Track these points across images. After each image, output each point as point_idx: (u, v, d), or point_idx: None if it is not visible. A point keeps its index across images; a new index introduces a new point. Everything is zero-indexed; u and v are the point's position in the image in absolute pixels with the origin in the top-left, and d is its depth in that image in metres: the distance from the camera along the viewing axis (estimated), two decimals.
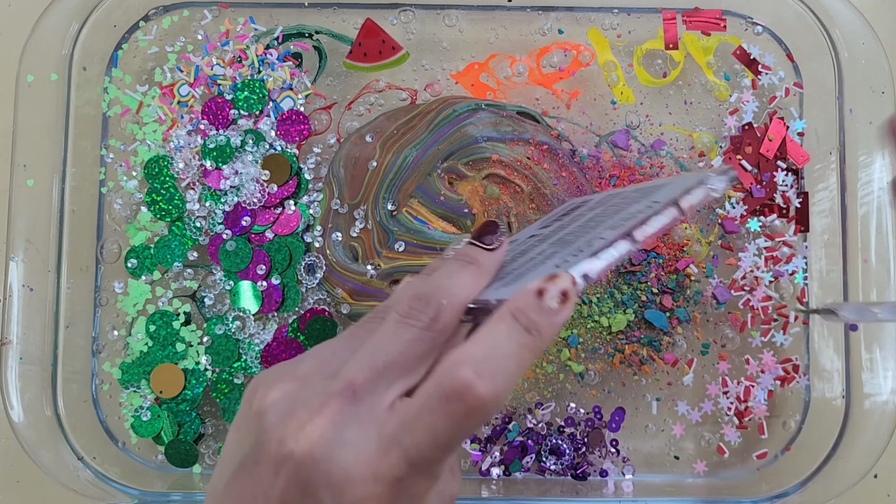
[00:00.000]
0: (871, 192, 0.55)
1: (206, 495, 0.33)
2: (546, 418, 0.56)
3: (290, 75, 0.58)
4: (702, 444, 0.57)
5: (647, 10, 0.58)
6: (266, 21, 0.59)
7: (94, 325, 0.57)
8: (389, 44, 0.58)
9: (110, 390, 0.57)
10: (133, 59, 0.58)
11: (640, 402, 0.57)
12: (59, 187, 0.55)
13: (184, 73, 0.58)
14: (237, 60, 0.58)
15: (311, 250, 0.57)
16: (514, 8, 0.58)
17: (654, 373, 0.57)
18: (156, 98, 0.58)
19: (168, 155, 0.57)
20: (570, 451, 0.55)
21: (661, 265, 0.56)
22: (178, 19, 0.58)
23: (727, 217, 0.57)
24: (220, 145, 0.57)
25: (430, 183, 0.57)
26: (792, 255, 0.57)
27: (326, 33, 0.58)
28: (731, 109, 0.58)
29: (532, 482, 0.55)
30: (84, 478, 0.53)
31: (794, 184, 0.57)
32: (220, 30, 0.58)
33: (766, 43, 0.58)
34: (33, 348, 0.53)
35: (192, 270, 0.57)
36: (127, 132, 0.58)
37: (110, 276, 0.57)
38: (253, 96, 0.57)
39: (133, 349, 0.56)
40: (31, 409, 0.53)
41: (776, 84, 0.58)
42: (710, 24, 0.58)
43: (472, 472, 0.56)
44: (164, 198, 0.57)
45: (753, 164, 0.57)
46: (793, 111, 0.58)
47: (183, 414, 0.56)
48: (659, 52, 0.59)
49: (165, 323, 0.56)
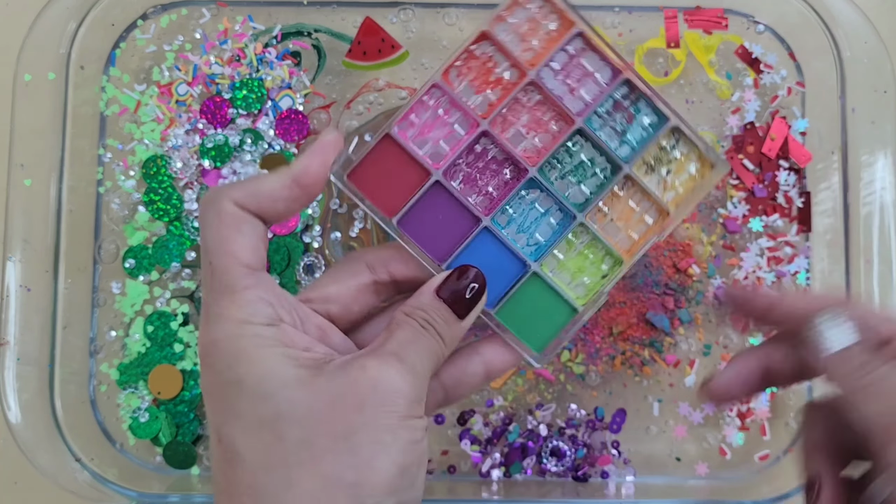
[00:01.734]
0: (874, 191, 0.55)
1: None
2: (547, 420, 0.56)
3: (289, 74, 0.57)
4: (703, 445, 0.57)
5: (649, 9, 0.58)
6: (265, 19, 0.58)
7: (91, 326, 0.56)
8: (389, 42, 0.57)
9: (108, 391, 0.56)
10: (131, 58, 0.58)
11: (641, 403, 0.57)
12: (57, 187, 0.55)
13: (182, 71, 0.58)
14: (236, 59, 0.57)
15: (309, 250, 0.56)
16: None
17: (656, 374, 0.56)
18: (154, 97, 0.57)
19: (166, 154, 0.57)
20: (572, 452, 0.55)
21: (661, 266, 0.56)
22: (177, 18, 0.58)
23: (729, 217, 0.57)
24: (219, 144, 0.56)
25: None
26: (794, 255, 0.56)
27: (325, 32, 0.58)
28: (733, 108, 0.58)
29: (533, 484, 0.55)
30: (82, 479, 0.53)
31: (796, 183, 0.57)
32: (219, 28, 0.58)
33: (768, 42, 0.58)
34: (31, 349, 0.53)
35: (190, 270, 0.57)
36: (125, 131, 0.57)
37: (108, 277, 0.57)
38: (251, 95, 0.57)
39: (131, 350, 0.56)
40: (29, 410, 0.53)
41: (778, 83, 0.58)
42: (712, 22, 0.57)
43: (472, 474, 0.56)
44: (162, 197, 0.56)
45: (755, 164, 0.57)
46: (795, 110, 0.58)
47: (181, 415, 0.56)
48: (660, 50, 0.58)
49: (163, 323, 0.56)
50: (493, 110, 0.38)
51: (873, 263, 0.54)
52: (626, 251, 0.39)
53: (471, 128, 0.38)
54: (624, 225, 0.39)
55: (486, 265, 0.37)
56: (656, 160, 0.39)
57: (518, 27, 0.38)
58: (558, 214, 0.39)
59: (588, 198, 0.39)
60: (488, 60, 0.38)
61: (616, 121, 0.39)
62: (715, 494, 0.54)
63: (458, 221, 0.38)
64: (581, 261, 0.39)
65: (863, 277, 0.54)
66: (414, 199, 0.38)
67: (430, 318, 0.35)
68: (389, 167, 0.38)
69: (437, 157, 0.38)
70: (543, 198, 0.39)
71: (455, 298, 0.36)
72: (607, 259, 0.39)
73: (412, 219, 0.38)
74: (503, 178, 0.38)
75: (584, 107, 0.38)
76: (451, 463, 0.56)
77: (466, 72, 0.38)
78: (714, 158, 0.39)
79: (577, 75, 0.38)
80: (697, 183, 0.39)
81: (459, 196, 0.38)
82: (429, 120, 0.38)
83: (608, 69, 0.38)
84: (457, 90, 0.38)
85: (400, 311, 0.36)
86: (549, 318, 0.39)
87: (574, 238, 0.39)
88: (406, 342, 0.34)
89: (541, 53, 0.38)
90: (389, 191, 0.38)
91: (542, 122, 0.38)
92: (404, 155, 0.38)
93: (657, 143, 0.38)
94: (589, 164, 0.39)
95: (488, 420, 0.56)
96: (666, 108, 0.38)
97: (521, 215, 0.39)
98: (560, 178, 0.39)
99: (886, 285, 0.54)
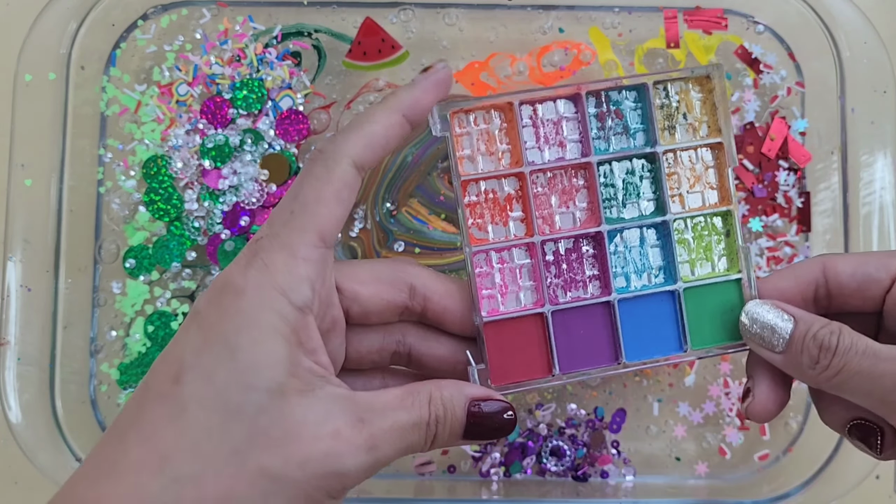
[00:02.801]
0: (874, 191, 0.55)
1: None
2: (547, 419, 0.56)
3: (290, 74, 0.57)
4: (703, 445, 0.57)
5: (648, 9, 0.58)
6: (265, 20, 0.58)
7: (92, 326, 0.56)
8: (389, 42, 0.58)
9: (109, 391, 0.56)
10: (131, 58, 0.58)
11: (641, 403, 0.57)
12: (57, 187, 0.55)
13: (182, 72, 0.58)
14: (236, 59, 0.57)
15: None
16: (514, 6, 0.58)
17: (656, 374, 0.57)
18: (154, 97, 0.57)
19: (166, 154, 0.57)
20: (572, 452, 0.55)
21: None
22: (177, 18, 0.58)
23: None
24: (219, 145, 0.56)
25: (429, 182, 0.56)
26: (794, 256, 0.56)
27: (326, 32, 0.58)
28: (733, 109, 0.58)
29: (532, 483, 0.55)
30: None
31: (795, 183, 0.57)
32: (219, 29, 0.58)
33: (767, 42, 0.58)
34: (31, 349, 0.53)
35: (190, 270, 0.57)
36: (125, 131, 0.57)
37: (108, 277, 0.57)
38: (252, 95, 0.57)
39: (131, 350, 0.56)
40: (29, 410, 0.53)
41: (778, 83, 0.58)
42: (712, 22, 0.58)
43: (472, 474, 0.56)
44: (163, 197, 0.56)
45: (755, 164, 0.57)
46: (794, 110, 0.58)
47: None
48: (660, 50, 0.58)
49: (164, 323, 0.56)
50: (530, 224, 0.37)
51: None
52: (723, 199, 0.39)
53: (530, 251, 0.38)
54: (700, 185, 0.39)
55: (647, 326, 0.37)
56: (668, 117, 0.38)
57: (478, 150, 0.37)
58: (652, 233, 0.38)
59: (656, 198, 0.38)
60: (487, 194, 0.37)
61: (611, 127, 0.38)
62: (715, 494, 0.54)
63: (593, 316, 0.38)
64: (701, 243, 0.39)
65: None
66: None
67: (444, 422, 0.33)
68: (510, 341, 0.37)
69: (531, 297, 0.38)
70: (629, 235, 0.38)
71: (477, 420, 0.33)
72: (717, 220, 0.39)
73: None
74: (589, 256, 0.38)
75: (581, 143, 0.38)
76: (451, 463, 0.56)
77: (481, 218, 0.37)
78: (705, 72, 0.38)
79: (551, 131, 0.38)
80: (712, 98, 0.39)
81: (573, 304, 0.38)
82: (499, 282, 0.38)
83: (566, 101, 0.38)
84: (493, 239, 0.37)
85: (425, 390, 0.33)
86: (725, 307, 0.38)
87: (680, 234, 0.38)
88: (400, 431, 0.32)
89: (513, 146, 0.37)
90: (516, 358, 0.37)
91: (567, 189, 0.38)
92: (510, 322, 0.37)
93: (655, 106, 0.38)
94: (629, 176, 0.38)
95: None
96: (632, 80, 0.38)
97: (629, 263, 0.38)
98: (623, 207, 0.38)
99: None
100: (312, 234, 0.32)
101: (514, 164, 0.37)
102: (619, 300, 0.37)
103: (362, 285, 0.35)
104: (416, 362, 0.37)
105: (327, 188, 0.33)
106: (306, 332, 0.32)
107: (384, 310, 0.36)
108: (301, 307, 0.32)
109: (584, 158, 0.38)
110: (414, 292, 0.36)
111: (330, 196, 0.33)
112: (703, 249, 0.39)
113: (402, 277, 0.36)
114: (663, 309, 0.38)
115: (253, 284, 0.31)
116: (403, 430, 0.32)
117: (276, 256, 0.32)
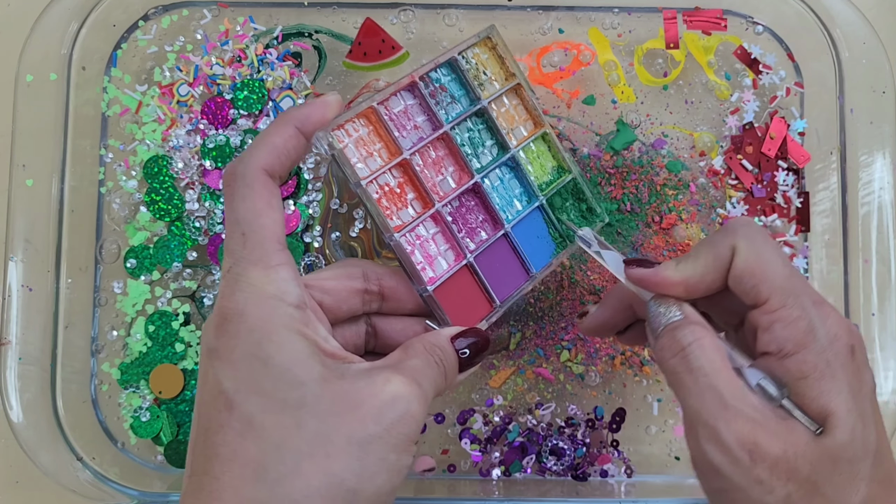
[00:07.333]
0: (872, 191, 0.55)
1: None
2: (546, 419, 0.56)
3: (290, 75, 0.57)
4: None
5: (648, 10, 0.58)
6: (265, 20, 0.58)
7: (93, 326, 0.57)
8: (389, 43, 0.58)
9: (109, 391, 0.57)
10: (132, 59, 0.58)
11: (640, 403, 0.57)
12: (59, 187, 0.55)
13: (183, 72, 0.58)
14: (237, 60, 0.58)
15: (310, 250, 0.56)
16: (514, 7, 0.58)
17: (656, 374, 0.57)
18: (155, 98, 0.57)
19: (167, 155, 0.57)
20: (571, 451, 0.55)
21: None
22: (178, 19, 0.58)
23: (728, 217, 0.57)
24: (220, 145, 0.56)
25: None
26: (793, 256, 0.57)
27: (326, 33, 0.58)
28: (732, 109, 0.58)
29: (532, 483, 0.55)
30: (83, 478, 0.53)
31: (794, 183, 0.57)
32: (220, 29, 0.58)
33: (766, 42, 0.58)
34: (32, 349, 0.53)
35: (191, 270, 0.57)
36: (126, 132, 0.58)
37: (109, 277, 0.57)
38: (252, 96, 0.57)
39: (132, 349, 0.56)
40: (30, 410, 0.53)
41: (777, 84, 0.58)
42: (711, 23, 0.58)
43: (472, 473, 0.56)
44: (164, 198, 0.57)
45: (754, 164, 0.57)
46: (794, 111, 0.58)
47: (182, 414, 0.56)
48: (659, 51, 0.58)
49: (164, 323, 0.56)
50: (425, 198, 0.44)
51: (872, 263, 0.54)
52: (536, 125, 0.48)
53: (434, 220, 0.44)
54: (517, 121, 0.48)
55: (534, 238, 0.46)
56: (475, 77, 0.46)
57: (360, 155, 0.42)
58: (506, 169, 0.47)
59: (496, 141, 0.47)
60: (384, 188, 0.43)
61: (443, 100, 0.45)
62: None
63: (500, 248, 0.46)
64: (538, 163, 0.48)
65: (861, 277, 0.54)
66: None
67: (444, 359, 0.37)
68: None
69: (451, 256, 0.45)
70: (492, 177, 0.46)
71: (463, 349, 0.39)
72: (539, 142, 0.48)
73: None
74: (473, 206, 0.45)
75: (430, 120, 0.44)
76: (451, 462, 0.56)
77: (388, 209, 0.43)
78: (486, 34, 0.46)
79: (404, 119, 0.44)
80: (497, 52, 0.47)
81: (483, 246, 0.45)
82: (423, 256, 0.43)
83: (406, 93, 0.44)
84: (406, 220, 0.43)
85: (417, 342, 0.37)
86: (574, 199, 0.49)
87: (524, 163, 0.47)
88: (423, 369, 0.36)
89: (385, 142, 0.43)
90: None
91: (436, 160, 0.44)
92: (448, 281, 0.43)
93: (470, 73, 0.45)
94: (471, 133, 0.46)
95: (488, 419, 0.56)
96: (438, 60, 0.44)
97: (501, 198, 0.46)
98: (478, 158, 0.46)
99: (885, 285, 0.54)
100: (272, 242, 0.35)
101: (392, 156, 0.43)
102: (511, 228, 0.46)
103: (325, 280, 0.40)
104: (382, 343, 0.42)
105: (258, 201, 0.35)
106: (312, 324, 0.35)
107: (349, 295, 0.40)
108: (298, 304, 0.35)
109: (440, 130, 0.44)
110: (367, 277, 0.41)
111: (263, 206, 0.35)
112: (541, 167, 0.48)
113: (354, 267, 0.41)
114: (538, 221, 0.47)
115: (249, 303, 0.34)
116: (424, 370, 0.36)
117: (253, 274, 0.34)
